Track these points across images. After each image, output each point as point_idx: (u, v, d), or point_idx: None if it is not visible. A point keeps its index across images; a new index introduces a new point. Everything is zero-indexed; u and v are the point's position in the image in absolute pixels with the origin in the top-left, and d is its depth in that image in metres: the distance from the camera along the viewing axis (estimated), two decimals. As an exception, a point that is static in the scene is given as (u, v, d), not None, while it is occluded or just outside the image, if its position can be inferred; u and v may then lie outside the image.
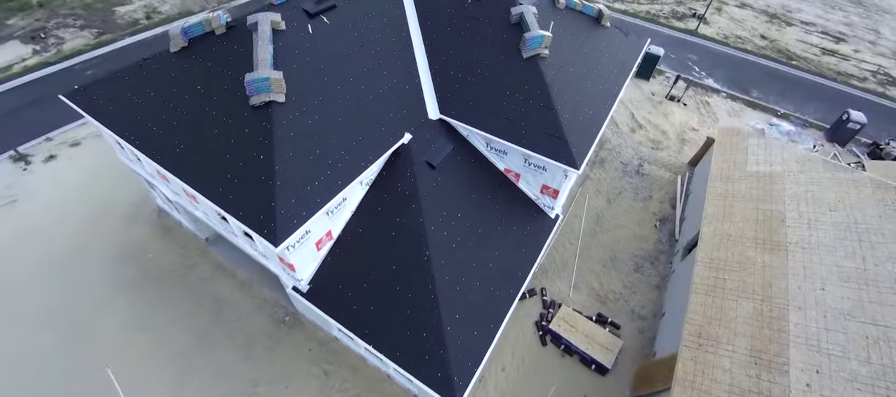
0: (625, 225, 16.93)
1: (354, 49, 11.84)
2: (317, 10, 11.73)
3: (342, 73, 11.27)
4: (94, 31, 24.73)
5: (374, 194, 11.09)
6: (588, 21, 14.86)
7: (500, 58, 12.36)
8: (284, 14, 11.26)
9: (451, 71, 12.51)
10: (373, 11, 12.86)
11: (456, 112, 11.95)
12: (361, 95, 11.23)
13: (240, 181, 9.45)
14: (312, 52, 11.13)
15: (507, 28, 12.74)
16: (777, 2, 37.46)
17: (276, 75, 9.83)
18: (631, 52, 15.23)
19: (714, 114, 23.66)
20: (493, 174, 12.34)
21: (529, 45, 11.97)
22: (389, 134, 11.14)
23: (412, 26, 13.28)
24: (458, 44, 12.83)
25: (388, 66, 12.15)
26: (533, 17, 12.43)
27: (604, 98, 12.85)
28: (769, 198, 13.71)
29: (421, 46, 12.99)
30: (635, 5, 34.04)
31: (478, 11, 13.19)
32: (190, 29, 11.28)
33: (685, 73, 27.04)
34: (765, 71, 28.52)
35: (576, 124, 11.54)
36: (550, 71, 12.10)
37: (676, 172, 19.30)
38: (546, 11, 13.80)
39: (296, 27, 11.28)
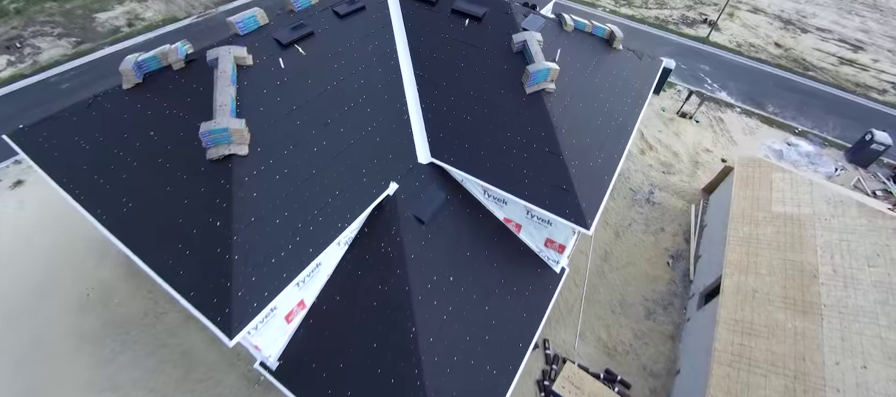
0: (635, 262, 15.42)
1: (334, 83, 10.28)
2: (291, 38, 10.17)
3: (319, 113, 9.73)
4: (73, 39, 23.13)
5: (354, 255, 9.60)
6: (598, 44, 13.23)
7: (500, 92, 10.78)
8: (252, 46, 9.71)
9: (444, 107, 10.94)
10: (356, 37, 11.27)
11: (449, 155, 10.40)
12: (341, 139, 9.70)
13: (192, 252, 7.95)
14: (284, 91, 9.59)
15: (509, 58, 11.14)
16: (791, 7, 35.50)
17: (236, 124, 8.31)
18: (646, 77, 13.60)
19: (728, 132, 22.00)
20: (490, 224, 10.82)
21: (533, 79, 10.39)
22: (373, 184, 9.61)
23: (402, 54, 11.69)
24: (452, 75, 11.25)
25: (374, 101, 10.60)
26: (537, 45, 10.82)
27: (617, 137, 11.27)
28: (798, 246, 12.16)
29: (411, 77, 11.41)
30: (643, 10, 32.17)
31: (475, 38, 11.58)
32: (144, 63, 9.75)
33: (697, 85, 25.35)
34: (780, 82, 26.77)
35: (586, 172, 9.99)
36: (557, 108, 10.53)
37: (690, 201, 17.73)
38: (552, 35, 12.19)
39: (265, 61, 9.73)
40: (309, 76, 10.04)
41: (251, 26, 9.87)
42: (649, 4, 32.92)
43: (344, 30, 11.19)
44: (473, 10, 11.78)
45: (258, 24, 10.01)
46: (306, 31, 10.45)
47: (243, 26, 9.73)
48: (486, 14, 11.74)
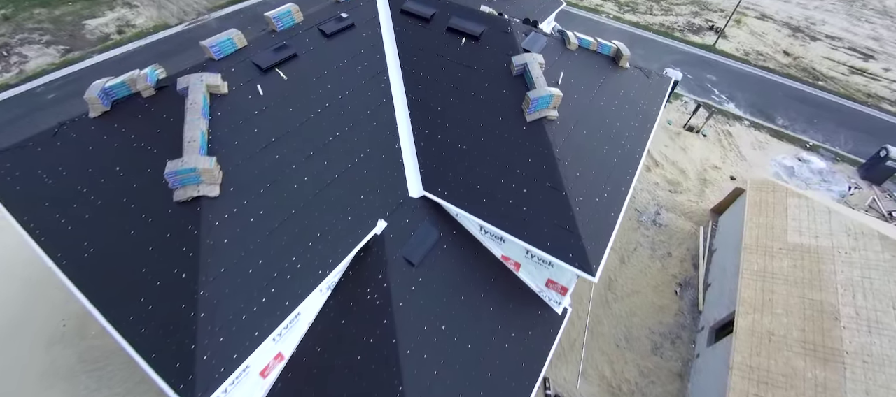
0: (641, 290, 14.55)
1: (318, 111, 9.43)
2: (271, 62, 9.31)
3: (300, 145, 8.88)
4: (61, 47, 22.32)
5: (338, 301, 8.76)
6: (604, 62, 12.33)
7: (498, 119, 9.91)
8: (227, 72, 8.86)
9: (438, 134, 10.08)
10: (344, 59, 10.41)
11: (443, 189, 9.55)
12: (325, 174, 8.85)
13: (155, 307, 7.13)
14: (262, 121, 8.74)
15: (508, 81, 10.27)
16: (799, 13, 34.45)
17: (206, 163, 7.46)
18: (654, 98, 12.70)
19: (737, 147, 21.07)
20: (487, 263, 9.97)
21: (534, 106, 9.52)
22: (359, 223, 8.76)
23: (393, 75, 10.83)
24: (447, 99, 10.38)
25: (362, 129, 9.75)
26: (538, 69, 9.94)
27: (624, 166, 10.39)
28: (818, 283, 11.28)
29: (403, 101, 10.55)
30: (648, 17, 31.18)
31: (472, 58, 10.70)
32: (112, 89, 8.93)
33: (703, 96, 24.43)
34: (790, 93, 25.81)
35: (591, 208, 9.12)
36: (559, 137, 9.66)
37: (698, 222, 16.84)
38: (555, 54, 11.30)
39: (242, 88, 8.88)
40: (290, 103, 9.19)
41: (227, 50, 9.02)
42: (654, 11, 31.93)
43: (331, 50, 10.33)
44: (470, 28, 10.91)
45: (235, 48, 9.16)
46: (289, 52, 9.60)
47: (218, 50, 8.88)
48: (483, 33, 10.86)
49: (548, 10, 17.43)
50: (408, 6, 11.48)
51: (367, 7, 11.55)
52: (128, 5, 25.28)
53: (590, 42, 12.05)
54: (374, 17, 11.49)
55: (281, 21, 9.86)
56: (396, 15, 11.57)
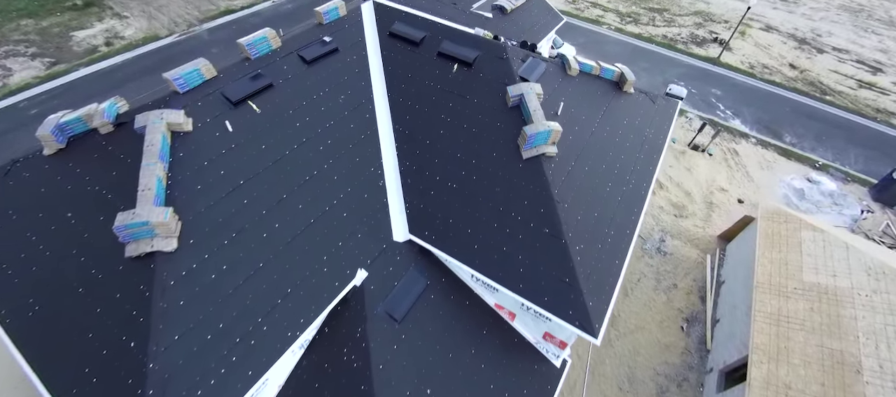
0: (645, 326, 13.63)
1: (294, 147, 8.55)
2: (243, 94, 8.44)
3: (272, 187, 8.00)
4: (47, 60, 21.54)
5: (312, 361, 7.86)
6: (607, 88, 11.45)
7: (492, 155, 9.03)
8: (193, 106, 7.99)
9: (426, 171, 9.20)
10: (325, 87, 9.54)
11: (431, 233, 8.66)
12: (299, 219, 7.97)
13: (101, 380, 6.26)
14: (230, 161, 7.87)
15: (503, 113, 9.39)
16: (805, 24, 33.54)
17: (160, 215, 6.59)
18: (660, 125, 11.81)
19: (744, 167, 20.14)
20: (479, 312, 9.08)
21: (531, 142, 8.63)
22: (336, 274, 7.87)
23: (379, 104, 9.95)
24: (437, 132, 9.50)
25: (343, 166, 8.87)
26: (536, 100, 9.05)
27: (629, 205, 9.50)
28: (837, 330, 10.35)
29: (390, 134, 9.68)
30: (650, 28, 30.30)
31: (465, 87, 9.83)
32: (67, 125, 8.05)
33: (708, 111, 23.55)
34: (797, 108, 24.88)
35: (593, 257, 8.23)
36: (559, 176, 8.77)
37: (705, 250, 15.92)
38: (555, 81, 10.42)
39: (209, 124, 8.01)
40: (263, 140, 8.32)
41: (193, 82, 8.16)
42: (656, 22, 31.05)
43: (311, 78, 9.46)
44: (463, 53, 10.03)
45: (202, 79, 8.29)
46: (263, 82, 8.73)
47: (183, 83, 8.02)
48: (477, 59, 9.99)
49: (548, 27, 16.58)
50: (396, 29, 10.61)
51: (353, 29, 10.69)
52: (117, 16, 24.51)
53: (592, 66, 11.17)
54: (360, 40, 10.63)
55: (255, 48, 9.00)
56: (384, 38, 10.71)
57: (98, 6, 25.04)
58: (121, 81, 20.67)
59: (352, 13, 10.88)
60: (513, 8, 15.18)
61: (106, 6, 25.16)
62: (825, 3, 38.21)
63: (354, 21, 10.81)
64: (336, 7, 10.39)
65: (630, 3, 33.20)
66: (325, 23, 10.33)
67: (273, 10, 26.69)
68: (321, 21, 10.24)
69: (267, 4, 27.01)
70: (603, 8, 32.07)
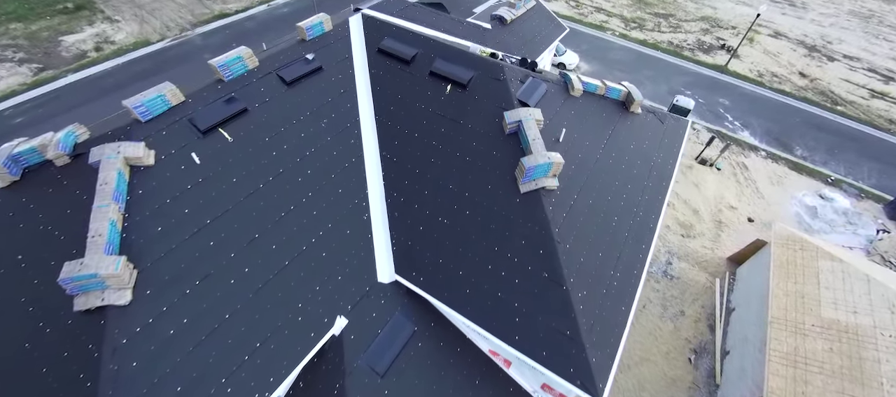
0: (650, 357, 12.80)
1: (269, 179, 7.76)
2: (213, 121, 7.65)
3: (243, 225, 7.22)
4: (35, 66, 20.81)
5: (285, 420, 7.10)
6: (613, 108, 10.61)
7: (487, 188, 8.21)
8: (156, 137, 7.21)
9: (415, 203, 8.39)
10: (307, 110, 8.74)
11: (419, 274, 7.87)
12: (272, 261, 7.19)
13: (38, 454, 5.52)
14: (196, 198, 7.08)
15: (500, 140, 8.57)
16: (814, 31, 32.49)
17: (110, 267, 5.83)
18: (670, 147, 10.97)
19: (754, 182, 19.24)
20: (472, 359, 8.26)
21: (529, 175, 7.82)
22: (312, 323, 7.09)
23: (366, 128, 9.15)
24: (428, 160, 8.69)
25: (324, 199, 8.07)
26: (535, 128, 8.23)
27: (637, 242, 8.68)
28: (859, 374, 9.50)
29: (377, 161, 8.87)
30: (656, 34, 29.35)
31: (459, 110, 9.01)
32: (21, 156, 7.25)
33: (716, 122, 22.62)
34: (807, 119, 23.92)
35: (596, 305, 7.41)
36: (560, 212, 7.95)
37: (714, 274, 15.06)
38: (556, 102, 9.60)
39: (174, 156, 7.22)
40: (234, 172, 7.53)
41: (157, 109, 7.36)
42: (662, 28, 30.09)
43: (291, 101, 8.66)
44: (457, 73, 9.21)
45: (168, 106, 7.49)
46: (237, 107, 7.94)
47: (146, 111, 7.22)
48: (472, 80, 9.16)
49: (550, 37, 15.72)
50: (386, 45, 9.80)
51: (340, 45, 9.88)
52: (108, 20, 23.77)
53: (596, 86, 10.33)
54: (347, 57, 9.82)
55: (229, 69, 8.19)
56: (373, 55, 9.89)
57: (89, 9, 24.32)
58: (109, 89, 19.91)
59: (338, 27, 10.07)
60: (513, 18, 14.34)
61: (97, 9, 24.43)
62: (835, 9, 37.13)
63: (341, 36, 10.00)
64: (320, 22, 9.58)
65: (635, 8, 32.24)
66: (309, 39, 9.52)
67: (268, 13, 25.91)
68: (304, 37, 9.43)
69: (262, 8, 26.21)
70: (607, 13, 31.13)
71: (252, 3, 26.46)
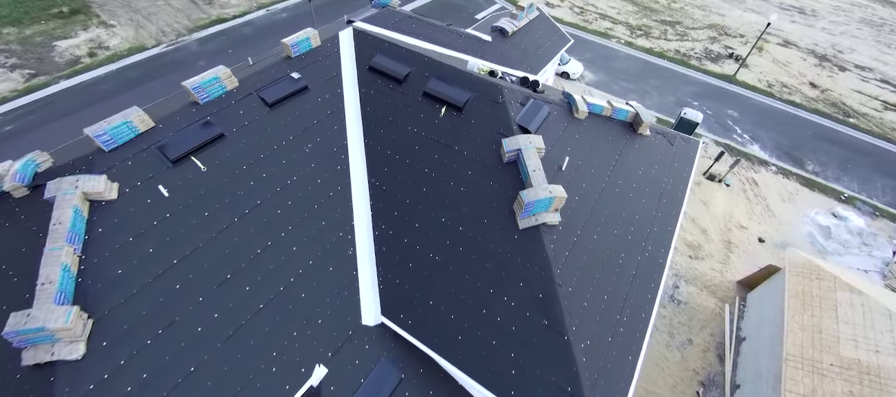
0: (656, 391, 12.06)
1: (245, 212, 7.11)
2: (185, 149, 7.01)
3: (214, 265, 6.56)
4: (27, 72, 20.29)
5: (257, 482, 6.43)
6: (620, 131, 9.91)
7: (483, 222, 7.53)
8: (121, 167, 6.57)
9: (405, 237, 7.72)
10: (290, 134, 8.08)
11: (407, 316, 7.19)
12: (245, 304, 6.53)
13: None
14: (162, 236, 6.43)
15: (498, 169, 7.88)
16: (825, 39, 31.59)
17: (60, 319, 5.19)
18: (680, 172, 10.26)
19: (764, 199, 18.45)
20: (464, 406, 7.58)
21: (529, 210, 7.13)
22: (288, 373, 6.43)
23: (354, 153, 8.48)
24: (419, 189, 8.01)
25: (305, 232, 7.41)
26: (536, 158, 7.53)
27: (646, 280, 7.98)
28: (887, 423, 8.75)
29: (364, 190, 8.20)
30: (662, 42, 28.55)
31: (454, 135, 8.32)
32: (-26, 185, 6.66)
33: (725, 135, 21.84)
34: (819, 132, 23.08)
35: (601, 355, 6.72)
36: (562, 250, 7.26)
37: (723, 298, 14.31)
38: (560, 125, 8.90)
39: (139, 189, 6.57)
40: (206, 205, 6.88)
41: (123, 137, 6.72)
42: (668, 36, 29.29)
43: (273, 124, 8.01)
44: (452, 95, 8.54)
45: (135, 133, 6.85)
46: (213, 132, 7.29)
47: (109, 140, 6.57)
48: (469, 102, 8.48)
49: (554, 49, 15.02)
50: (377, 62, 9.13)
51: (328, 62, 9.22)
52: (104, 25, 23.24)
53: (602, 107, 9.62)
54: (336, 74, 9.16)
55: (205, 91, 7.53)
56: (363, 73, 9.23)
57: (85, 14, 23.81)
58: (101, 96, 19.37)
59: (327, 43, 9.41)
60: (514, 30, 13.65)
61: (93, 14, 23.92)
62: (845, 17, 36.19)
63: (330, 53, 9.34)
64: (307, 37, 8.92)
65: (640, 15, 31.45)
66: (295, 56, 8.87)
67: (266, 18, 25.31)
68: (289, 54, 8.78)
69: (260, 13, 25.63)
70: (612, 20, 30.36)
71: (250, 7, 25.89)
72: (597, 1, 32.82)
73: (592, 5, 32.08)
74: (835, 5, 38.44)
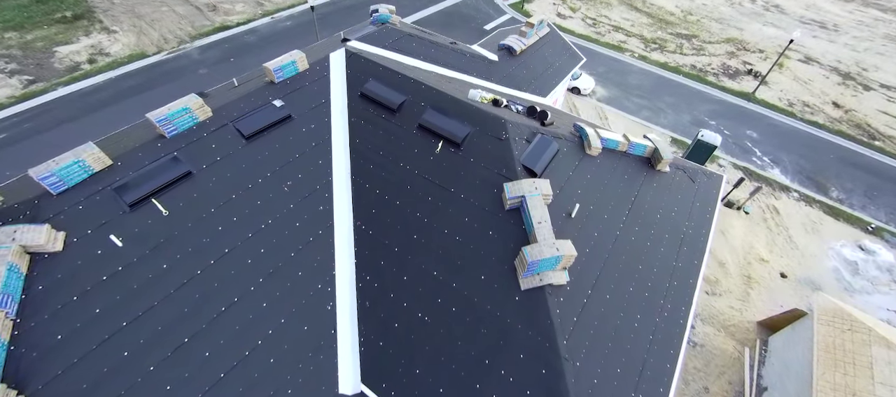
0: (668, 445, 10.97)
1: (211, 262, 6.25)
2: (146, 190, 6.18)
3: (170, 327, 5.69)
4: (25, 78, 19.81)
5: None
6: (636, 167, 8.91)
7: (480, 278, 6.59)
8: (69, 213, 5.75)
9: (392, 292, 6.80)
10: (268, 170, 7.22)
11: (390, 386, 6.27)
12: (203, 373, 5.64)
13: None
14: (110, 294, 5.59)
15: (498, 217, 6.94)
16: (848, 56, 30.12)
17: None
18: (702, 213, 9.23)
19: (786, 229, 17.23)
20: None
21: (532, 269, 6.18)
22: (250, 456, 5.55)
23: (340, 192, 7.60)
24: (410, 236, 7.10)
25: (278, 285, 6.52)
26: (541, 207, 6.58)
27: (664, 347, 6.96)
28: None
29: (349, 234, 7.31)
30: (678, 56, 27.37)
31: (451, 174, 7.39)
32: None
33: (743, 157, 20.61)
34: (843, 155, 21.74)
35: (612, 442, 5.73)
36: (569, 315, 6.29)
37: (742, 341, 13.17)
38: (570, 164, 7.93)
39: (89, 239, 5.74)
40: (166, 255, 6.04)
41: (74, 179, 5.91)
42: (685, 50, 28.08)
43: (249, 159, 7.16)
44: (450, 128, 7.62)
45: (88, 173, 6.04)
46: (178, 171, 6.46)
47: (58, 182, 5.76)
48: (468, 137, 7.56)
49: (565, 69, 14.05)
50: (370, 89, 8.26)
51: (317, 87, 8.37)
52: (106, 31, 22.76)
53: (617, 142, 8.63)
54: (324, 101, 8.30)
55: (172, 123, 6.71)
56: (354, 100, 8.36)
57: (88, 19, 23.37)
58: (98, 104, 18.81)
59: (317, 66, 8.56)
60: (523, 49, 12.70)
61: (96, 19, 23.47)
62: (869, 32, 34.62)
63: (319, 76, 8.49)
64: (293, 61, 8.08)
65: (655, 28, 30.28)
66: (278, 81, 8.02)
67: (271, 27, 24.65)
68: (272, 79, 7.94)
69: (265, 21, 24.98)
70: (626, 32, 29.25)
71: (254, 15, 25.27)
72: (610, 12, 31.73)
73: (605, 17, 31.01)
74: (857, 20, 36.88)
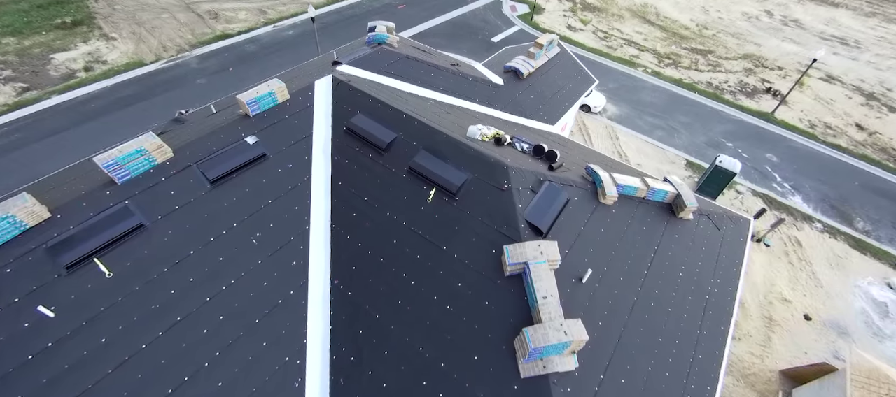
0: None
1: (158, 333, 5.28)
2: (87, 249, 5.25)
3: (104, 419, 4.77)
4: (20, 85, 19.20)
5: None
6: (657, 215, 7.84)
7: (472, 359, 5.56)
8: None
9: (370, 369, 5.79)
10: (234, 220, 6.26)
11: (365, 486, 5.26)
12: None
13: None
14: (34, 378, 4.66)
15: (497, 285, 5.91)
16: (871, 75, 28.63)
17: None
18: (729, 267, 8.12)
19: (809, 264, 15.97)
20: None
21: (535, 354, 5.15)
22: None
23: (317, 244, 6.63)
24: (394, 302, 6.09)
25: (237, 359, 5.53)
26: (547, 278, 5.54)
27: (686, 439, 5.88)
28: None
29: (324, 296, 6.33)
30: (693, 73, 26.14)
31: (444, 229, 6.38)
32: None
33: (763, 183, 19.35)
34: (868, 182, 20.38)
35: None
36: (578, 405, 5.25)
37: (763, 393, 11.98)
38: (582, 215, 6.88)
39: (13, 309, 4.82)
40: (106, 327, 5.10)
41: (5, 236, 5.00)
42: (700, 66, 26.84)
43: (213, 206, 6.22)
44: (445, 174, 6.62)
45: (21, 228, 5.13)
46: (128, 224, 5.53)
47: (-24, 242, 4.87)
48: (465, 186, 6.55)
49: (577, 91, 13.00)
50: (357, 124, 7.29)
51: (297, 121, 7.42)
52: (104, 37, 22.13)
53: (635, 188, 7.57)
54: (306, 136, 7.35)
55: (123, 168, 5.78)
56: (339, 136, 7.40)
57: (87, 25, 22.79)
58: (91, 115, 18.13)
59: (299, 95, 7.62)
60: (531, 71, 11.67)
61: (95, 25, 22.88)
62: (892, 50, 33.04)
63: (301, 108, 7.54)
64: (271, 91, 7.14)
65: (669, 43, 29.05)
66: (253, 115, 7.08)
67: (273, 35, 23.87)
68: (247, 113, 7.00)
69: (267, 29, 24.21)
70: (638, 47, 28.06)
71: (256, 23, 24.53)
72: (622, 25, 30.59)
73: (617, 30, 29.86)
74: (880, 36, 35.30)
